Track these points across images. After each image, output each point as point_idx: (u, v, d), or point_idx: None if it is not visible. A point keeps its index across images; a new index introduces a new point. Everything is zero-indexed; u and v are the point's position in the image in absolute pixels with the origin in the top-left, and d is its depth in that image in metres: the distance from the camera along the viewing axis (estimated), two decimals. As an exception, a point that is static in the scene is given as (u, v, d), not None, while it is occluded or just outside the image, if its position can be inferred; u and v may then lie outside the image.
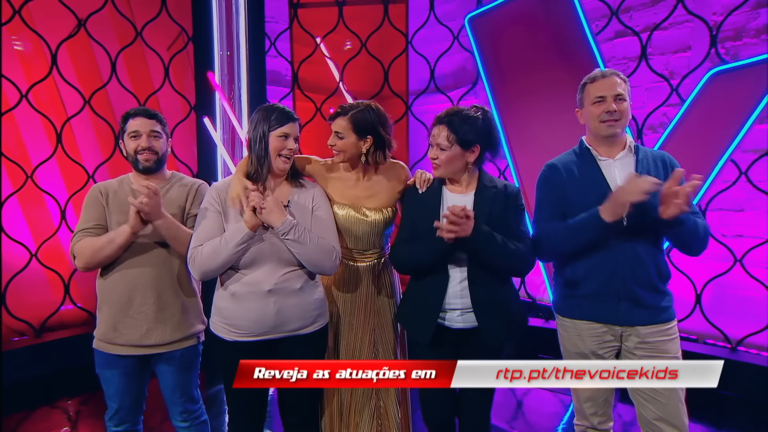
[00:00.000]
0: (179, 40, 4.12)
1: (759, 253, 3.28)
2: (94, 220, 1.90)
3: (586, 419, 1.93)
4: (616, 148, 1.87)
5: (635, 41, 3.66)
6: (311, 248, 1.77)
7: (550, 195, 1.91)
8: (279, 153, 1.81)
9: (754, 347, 3.39)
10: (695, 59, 3.62)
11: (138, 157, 1.92)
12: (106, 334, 1.91)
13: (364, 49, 4.13)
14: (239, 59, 3.97)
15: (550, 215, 1.89)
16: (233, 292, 1.80)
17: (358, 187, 2.04)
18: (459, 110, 1.86)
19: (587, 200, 1.80)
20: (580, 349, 1.87)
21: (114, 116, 3.92)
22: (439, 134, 1.84)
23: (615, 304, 1.80)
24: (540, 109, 3.48)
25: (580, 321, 1.87)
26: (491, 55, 3.64)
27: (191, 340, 1.98)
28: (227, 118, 4.09)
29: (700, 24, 3.43)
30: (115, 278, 1.90)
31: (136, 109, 1.96)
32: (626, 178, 1.70)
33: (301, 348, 1.87)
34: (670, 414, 1.76)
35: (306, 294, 1.85)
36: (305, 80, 4.26)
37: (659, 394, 1.77)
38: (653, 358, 1.78)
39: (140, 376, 1.98)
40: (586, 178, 1.86)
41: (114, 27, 3.90)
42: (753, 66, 2.90)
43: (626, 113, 1.83)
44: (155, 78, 4.06)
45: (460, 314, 1.84)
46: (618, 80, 1.83)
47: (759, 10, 3.44)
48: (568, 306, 1.90)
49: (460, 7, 4.82)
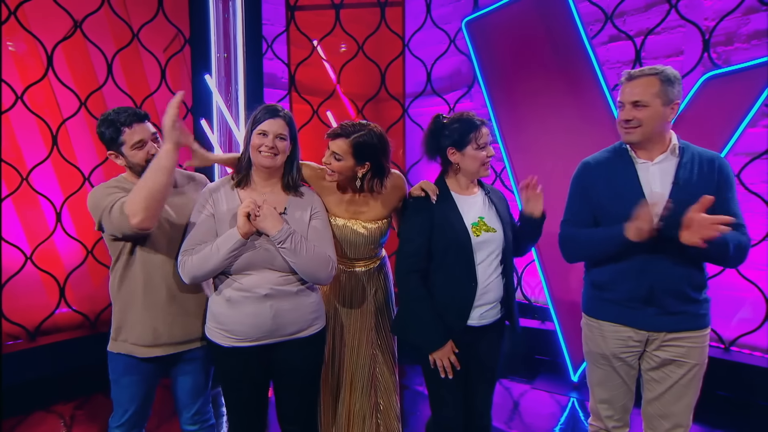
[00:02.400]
0: (176, 42, 4.11)
1: (752, 255, 3.31)
2: None
3: (600, 420, 1.92)
4: (655, 150, 1.76)
5: (629, 45, 3.71)
6: (307, 258, 1.74)
7: (580, 197, 1.86)
8: (258, 149, 1.77)
9: (747, 347, 3.44)
10: (688, 63, 3.67)
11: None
12: (143, 337, 1.82)
13: (361, 51, 4.14)
14: (236, 61, 3.96)
15: (578, 218, 1.86)
16: (228, 297, 1.76)
17: (355, 200, 2.01)
18: None
19: (619, 206, 1.72)
20: (602, 350, 1.85)
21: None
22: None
23: (642, 310, 1.76)
24: (537, 112, 3.50)
25: (605, 322, 1.84)
26: (488, 58, 3.66)
27: (203, 341, 1.94)
28: (224, 121, 4.08)
29: (692, 29, 3.48)
30: (146, 277, 1.81)
31: (125, 116, 1.79)
32: (640, 208, 1.61)
33: (299, 353, 1.86)
34: (675, 411, 1.77)
35: (302, 297, 1.82)
36: (301, 83, 4.27)
37: (670, 393, 1.78)
38: (671, 362, 1.77)
39: (154, 381, 1.94)
40: (621, 181, 1.77)
41: (110, 28, 3.88)
42: (746, 70, 2.94)
43: (648, 120, 1.70)
44: (151, 80, 4.05)
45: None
46: (638, 86, 1.70)
47: (749, 15, 3.50)
48: (595, 307, 1.88)
49: (456, 10, 4.86)
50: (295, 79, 4.22)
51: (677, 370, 1.77)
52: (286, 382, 1.91)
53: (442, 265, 1.86)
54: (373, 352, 2.08)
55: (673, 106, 1.71)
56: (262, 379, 1.88)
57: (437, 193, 1.90)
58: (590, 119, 3.30)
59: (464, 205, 1.91)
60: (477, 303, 1.86)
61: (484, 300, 1.87)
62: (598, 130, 3.24)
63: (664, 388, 1.79)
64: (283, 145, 1.79)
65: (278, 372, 1.89)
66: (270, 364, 1.87)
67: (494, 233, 1.89)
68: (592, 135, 3.27)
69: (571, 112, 3.38)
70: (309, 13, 4.24)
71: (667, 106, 1.70)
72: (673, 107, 1.71)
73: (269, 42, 4.22)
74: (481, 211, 1.93)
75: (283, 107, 1.85)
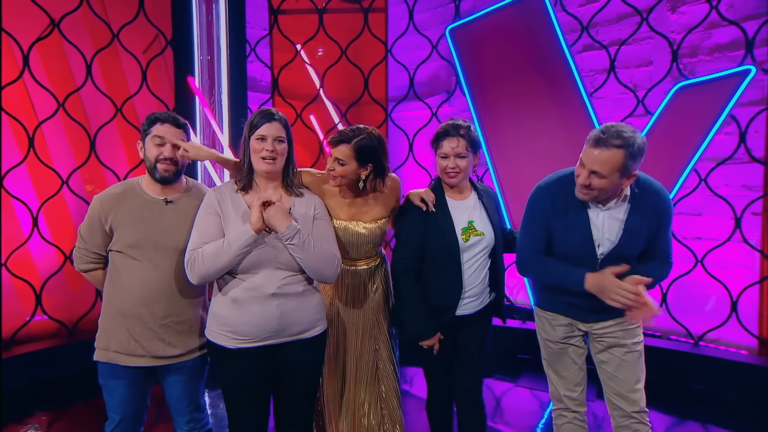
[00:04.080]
0: (156, 44, 4.04)
1: (717, 255, 3.53)
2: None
3: (561, 402, 2.10)
4: (608, 199, 1.85)
5: (601, 55, 3.88)
6: (314, 255, 1.78)
7: (533, 223, 1.97)
8: (258, 154, 1.81)
9: (714, 342, 3.64)
10: (656, 73, 3.88)
11: (158, 166, 1.86)
12: (125, 346, 1.85)
13: (344, 56, 4.18)
14: (220, 64, 3.93)
15: (537, 242, 1.97)
16: (234, 297, 1.78)
17: (355, 203, 2.08)
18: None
19: (568, 241, 1.91)
20: (551, 337, 2.08)
21: (88, 120, 3.81)
22: (458, 144, 1.98)
23: (584, 312, 1.99)
24: (519, 117, 3.63)
25: (553, 313, 2.07)
26: (471, 64, 3.76)
27: (201, 350, 1.96)
28: (208, 124, 4.04)
29: (660, 41, 3.68)
30: (129, 287, 1.85)
31: (165, 115, 1.90)
32: (607, 282, 1.77)
33: (304, 354, 1.89)
34: (626, 389, 1.97)
35: (307, 297, 1.87)
36: (284, 87, 4.26)
37: (619, 372, 1.98)
38: (614, 345, 1.99)
39: (145, 386, 1.94)
40: (572, 219, 1.88)
41: (88, 29, 3.79)
42: (715, 81, 3.13)
43: (604, 187, 1.75)
44: (131, 82, 3.97)
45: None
46: (607, 156, 1.69)
47: (711, 30, 3.72)
48: (546, 301, 2.09)
49: (434, 16, 4.96)
50: (278, 82, 4.21)
51: (619, 350, 1.99)
52: (288, 385, 1.93)
53: (432, 267, 2.06)
54: (376, 347, 2.18)
55: (631, 176, 1.76)
56: (266, 384, 1.90)
57: (434, 202, 2.04)
58: (570, 124, 3.44)
59: (456, 210, 2.07)
60: (462, 297, 2.07)
61: (468, 294, 2.08)
62: (577, 135, 3.34)
63: (612, 368, 2.00)
64: (281, 147, 1.83)
65: (282, 374, 1.90)
66: (274, 367, 1.88)
67: (482, 237, 2.06)
68: (572, 139, 3.38)
69: (552, 117, 3.52)
70: (292, 17, 4.25)
71: (625, 177, 1.75)
72: (630, 177, 1.76)
73: (252, 45, 4.20)
74: (471, 214, 2.08)
75: (277, 111, 1.89)
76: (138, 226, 1.84)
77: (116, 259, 1.88)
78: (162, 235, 1.85)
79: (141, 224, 1.84)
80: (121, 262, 1.86)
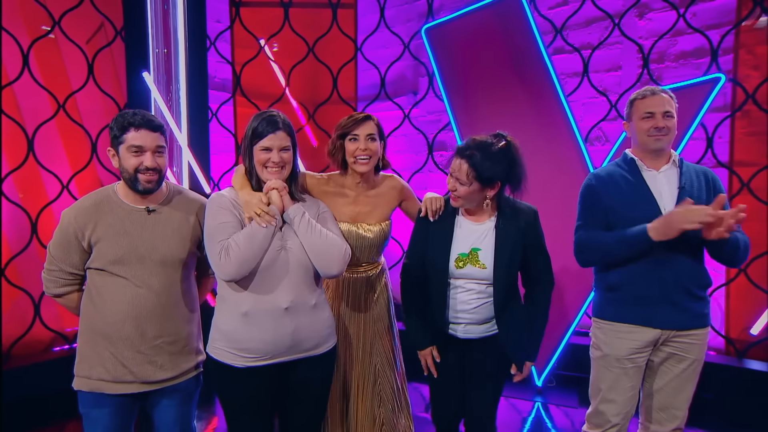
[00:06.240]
0: (101, 33, 3.66)
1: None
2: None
3: (598, 427, 1.98)
4: (661, 160, 1.96)
5: (572, 58, 3.89)
6: (321, 239, 1.72)
7: (593, 205, 1.98)
8: (264, 165, 1.72)
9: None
10: (625, 78, 3.94)
11: (138, 177, 1.64)
12: (111, 373, 1.65)
13: (311, 53, 3.96)
14: (177, 58, 3.60)
15: (592, 223, 1.97)
16: (245, 311, 1.66)
17: (357, 204, 2.07)
18: (483, 144, 1.83)
19: (632, 209, 1.89)
20: (614, 352, 1.93)
21: (21, 116, 3.38)
22: (459, 168, 1.79)
23: (653, 307, 1.87)
24: (496, 118, 3.55)
25: (620, 324, 1.93)
26: (448, 65, 3.66)
27: (196, 369, 1.81)
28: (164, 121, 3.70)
29: (628, 45, 3.74)
30: (114, 307, 1.64)
31: (138, 118, 1.65)
32: (682, 206, 1.77)
33: (314, 372, 1.80)
34: (676, 405, 1.92)
35: (319, 311, 1.79)
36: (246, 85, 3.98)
37: (672, 384, 1.91)
38: (673, 356, 1.90)
39: (131, 413, 1.76)
40: (632, 187, 1.94)
41: (21, 14, 3.37)
42: (686, 88, 3.19)
43: (673, 129, 1.93)
44: (72, 74, 3.57)
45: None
46: (666, 97, 1.92)
47: (677, 37, 3.82)
48: (608, 310, 1.97)
49: (400, 13, 4.82)
50: (240, 80, 3.93)
51: (678, 365, 1.92)
52: (296, 403, 1.83)
53: (428, 282, 1.95)
54: (379, 359, 2.14)
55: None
56: (272, 402, 1.80)
57: (437, 213, 1.91)
58: (547, 124, 3.42)
59: (463, 230, 1.89)
60: (455, 321, 1.91)
61: (463, 319, 1.91)
62: (554, 134, 3.36)
63: (664, 381, 1.94)
64: (288, 155, 1.75)
65: (288, 391, 1.81)
66: (283, 386, 1.78)
67: (482, 270, 1.85)
68: (549, 139, 3.38)
69: (529, 117, 3.48)
70: (254, 9, 3.98)
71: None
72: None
73: (212, 39, 3.89)
74: (479, 242, 1.87)
75: (279, 112, 1.78)
76: (120, 239, 1.64)
77: (96, 278, 1.68)
78: (148, 248, 1.66)
79: (124, 237, 1.64)
80: (102, 281, 1.66)
